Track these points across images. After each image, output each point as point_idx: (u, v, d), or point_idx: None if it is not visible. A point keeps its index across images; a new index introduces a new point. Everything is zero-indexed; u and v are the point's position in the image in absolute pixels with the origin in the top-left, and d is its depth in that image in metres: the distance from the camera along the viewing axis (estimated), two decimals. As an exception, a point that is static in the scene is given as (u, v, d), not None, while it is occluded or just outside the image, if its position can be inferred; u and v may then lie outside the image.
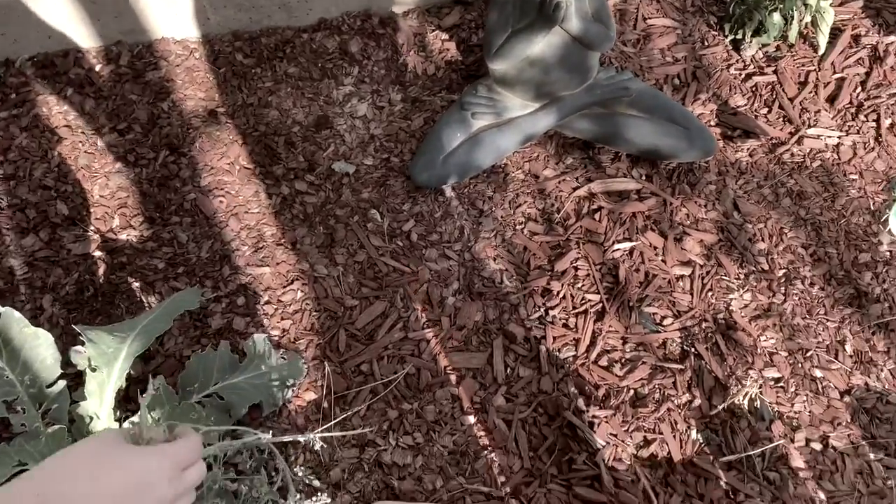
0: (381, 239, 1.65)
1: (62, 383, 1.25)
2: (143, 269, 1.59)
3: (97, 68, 1.83)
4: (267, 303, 1.57)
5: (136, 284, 1.57)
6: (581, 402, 1.41)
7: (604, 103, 1.68)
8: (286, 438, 1.13)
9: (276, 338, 1.53)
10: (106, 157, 1.73)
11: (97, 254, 1.61)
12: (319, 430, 1.38)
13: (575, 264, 1.59)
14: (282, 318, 1.55)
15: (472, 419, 1.44)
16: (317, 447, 1.19)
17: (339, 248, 1.64)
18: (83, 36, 1.82)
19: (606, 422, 1.40)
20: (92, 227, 1.65)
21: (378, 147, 1.78)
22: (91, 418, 1.23)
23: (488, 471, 1.38)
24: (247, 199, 1.69)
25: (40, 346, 1.23)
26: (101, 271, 1.59)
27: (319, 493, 1.12)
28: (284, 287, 1.59)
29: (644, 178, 1.70)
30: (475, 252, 1.63)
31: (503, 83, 1.66)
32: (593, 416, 1.40)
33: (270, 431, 1.13)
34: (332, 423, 1.42)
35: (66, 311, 1.54)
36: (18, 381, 1.20)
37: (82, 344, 1.29)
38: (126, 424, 1.29)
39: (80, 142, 1.75)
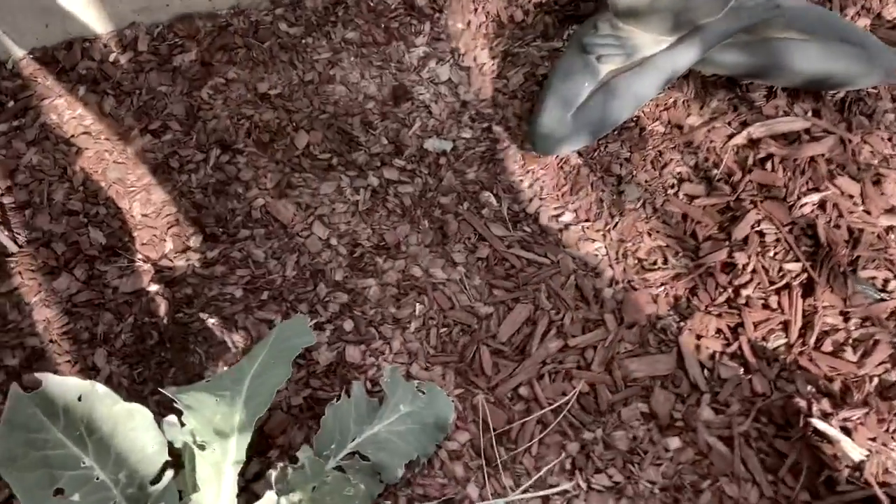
0: (504, 227, 1.32)
1: (168, 475, 0.90)
2: (216, 301, 1.25)
3: (112, 58, 1.47)
4: (381, 322, 1.23)
5: (211, 321, 1.22)
6: (825, 404, 1.09)
7: (752, 28, 1.35)
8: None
9: (405, 365, 1.19)
10: (141, 166, 1.37)
11: (152, 288, 1.26)
12: (517, 492, 1.05)
13: (758, 228, 1.27)
14: (404, 342, 1.22)
15: (677, 442, 1.12)
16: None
17: (455, 245, 1.30)
18: (89, 21, 1.46)
19: (861, 424, 1.08)
20: (139, 256, 1.29)
21: (474, 116, 1.44)
22: (210, 515, 0.89)
23: (718, 506, 1.07)
24: (329, 197, 1.35)
25: (137, 430, 0.88)
26: (162, 310, 1.24)
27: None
28: (398, 301, 1.25)
29: (810, 114, 1.38)
30: (623, 229, 1.31)
31: (630, 16, 1.33)
32: (844, 419, 1.08)
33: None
34: (525, 484, 1.09)
35: (127, 368, 1.19)
36: (112, 482, 0.86)
37: (176, 413, 0.95)
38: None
39: (106, 151, 1.39)
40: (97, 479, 0.86)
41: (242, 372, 0.99)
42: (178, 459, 0.97)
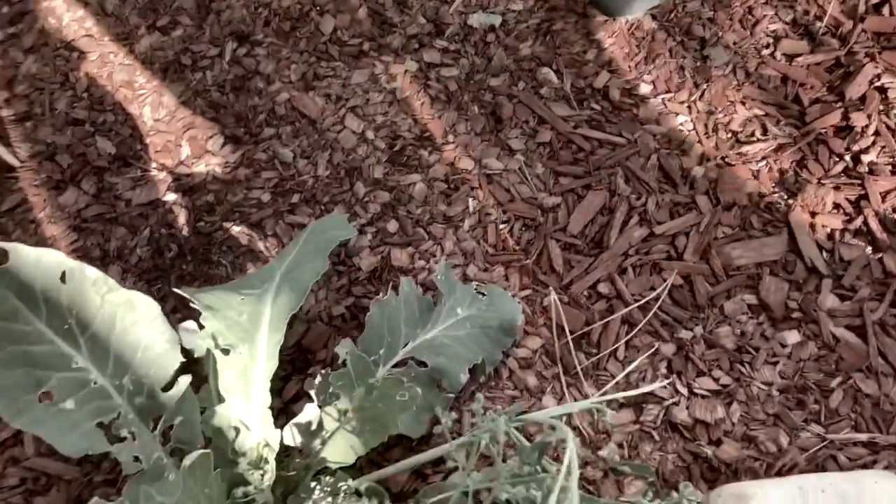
0: (568, 105, 1.12)
1: (184, 381, 0.74)
2: (241, 207, 1.08)
3: (111, -48, 1.30)
4: (430, 221, 1.05)
5: (236, 229, 1.06)
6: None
7: None
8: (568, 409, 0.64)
9: (460, 267, 1.01)
10: (150, 67, 1.21)
11: (169, 198, 1.10)
12: (596, 395, 0.87)
13: (877, 83, 1.05)
14: (458, 241, 1.03)
15: (795, 335, 0.92)
16: (606, 417, 0.69)
17: (511, 130, 1.11)
18: None
19: None
20: (153, 164, 1.13)
21: (525, -15, 1.23)
22: (237, 430, 0.73)
23: (854, 406, 0.87)
24: (361, 86, 1.17)
25: (140, 324, 0.72)
26: (181, 220, 1.08)
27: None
28: (448, 197, 1.07)
29: (932, -52, 1.14)
30: (711, 99, 1.10)
31: None
32: None
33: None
34: (580, 371, 0.91)
35: (145, 285, 1.04)
36: (115, 388, 0.70)
37: (195, 319, 0.79)
38: (288, 429, 0.79)
39: (111, 53, 1.23)
40: (94, 383, 0.70)
41: (272, 270, 0.83)
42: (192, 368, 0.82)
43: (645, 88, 1.12)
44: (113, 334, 0.71)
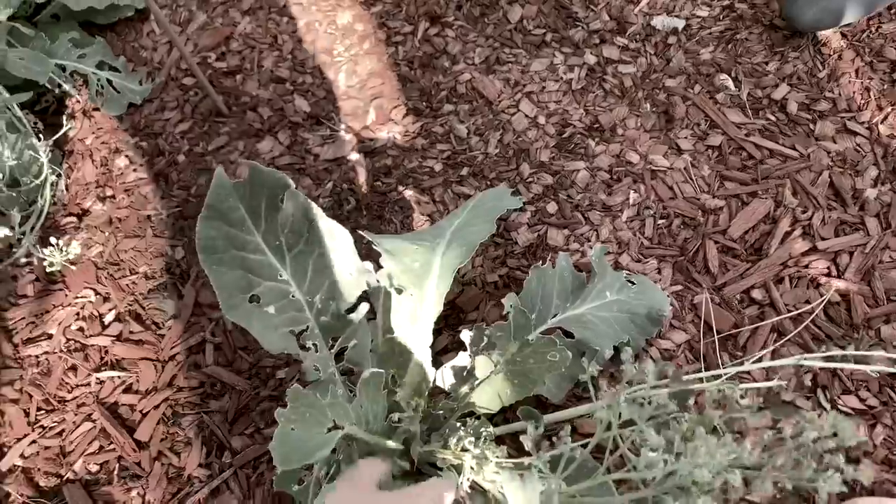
0: (742, 113, 1.13)
1: (364, 308, 0.83)
2: (415, 174, 1.17)
3: (328, -69, 1.42)
4: (589, 208, 1.09)
5: (408, 193, 1.15)
6: None
7: None
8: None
9: (612, 254, 1.05)
10: (350, 36, 1.32)
11: (353, 157, 1.20)
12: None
13: None
14: (615, 230, 1.07)
15: (957, 369, 0.88)
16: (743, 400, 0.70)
17: (681, 131, 1.13)
18: None
19: None
20: (342, 125, 1.24)
21: (713, -7, 1.25)
22: (399, 360, 0.81)
23: None
24: (539, 74, 1.22)
25: (337, 251, 0.81)
26: (361, 179, 1.18)
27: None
28: (609, 187, 1.10)
29: None
30: (893, 123, 1.07)
31: None
32: None
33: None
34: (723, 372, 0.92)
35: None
36: (307, 304, 0.79)
37: (373, 261, 0.88)
38: (442, 371, 0.86)
39: (317, 21, 1.35)
40: (293, 296, 0.80)
41: (443, 228, 0.90)
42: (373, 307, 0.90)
43: (825, 105, 1.11)
44: (312, 257, 0.81)
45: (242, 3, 1.39)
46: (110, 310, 1.11)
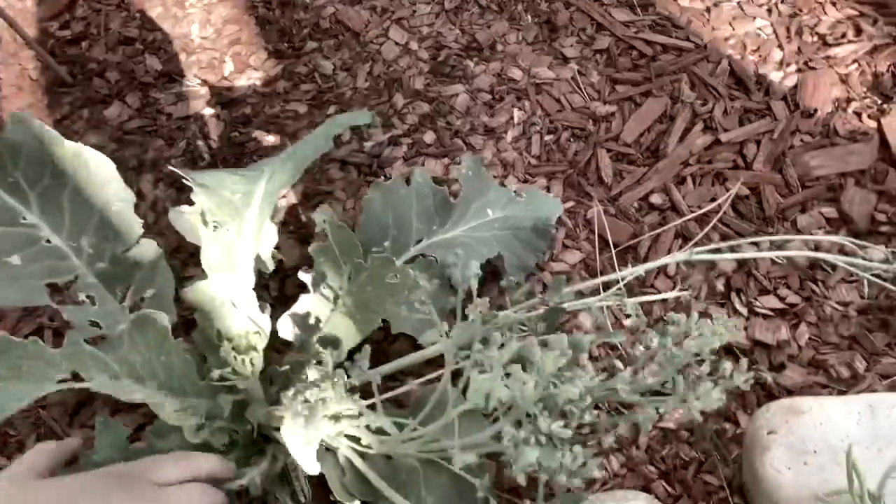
0: (631, 11, 1.01)
1: (150, 245, 0.69)
2: (276, 119, 1.04)
3: None
4: (470, 132, 0.97)
5: (269, 138, 1.02)
6: None
7: None
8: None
9: (498, 178, 0.92)
10: (202, -14, 1.19)
11: (208, 111, 1.07)
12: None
13: None
14: (498, 151, 0.95)
15: (882, 251, 0.77)
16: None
17: (566, 39, 1.01)
18: None
19: None
20: (197, 80, 1.11)
21: None
22: (219, 309, 0.67)
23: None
24: (409, -2, 1.10)
25: (95, 182, 0.68)
26: (217, 132, 1.05)
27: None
28: (492, 108, 0.98)
29: None
30: (796, 0, 0.96)
31: None
32: None
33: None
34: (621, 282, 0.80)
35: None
36: (72, 250, 0.66)
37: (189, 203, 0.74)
38: (282, 321, 0.72)
39: (165, -27, 1.22)
40: (46, 241, 0.66)
41: (276, 157, 0.77)
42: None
43: (718, -8, 1.00)
44: (65, 191, 0.67)
45: (85, -36, 1.26)
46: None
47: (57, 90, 1.13)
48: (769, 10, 0.97)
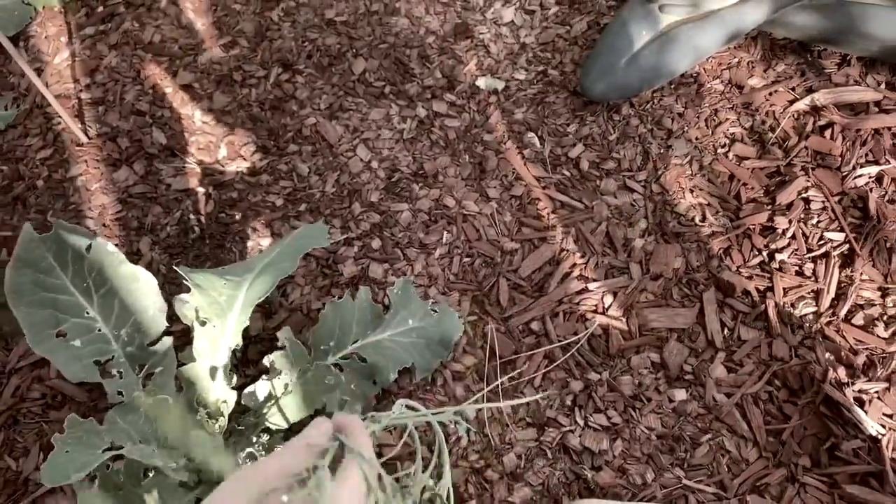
0: (543, 168, 1.32)
1: (167, 341, 0.96)
2: (257, 207, 1.30)
3: (195, -25, 1.54)
4: (408, 245, 1.25)
5: (250, 224, 1.28)
6: (841, 373, 1.05)
7: (830, -10, 1.28)
8: (452, 410, 0.83)
9: (423, 287, 1.21)
10: (207, 77, 1.44)
11: (201, 189, 1.33)
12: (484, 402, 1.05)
13: (804, 195, 1.22)
14: (427, 265, 1.24)
15: (683, 394, 1.10)
16: (460, 430, 0.88)
17: (491, 181, 1.31)
18: (178, -64, 1.53)
19: (879, 398, 1.03)
20: (194, 159, 1.36)
21: (531, 58, 1.44)
22: (202, 385, 0.94)
23: (713, 461, 1.04)
24: (376, 123, 1.38)
25: (140, 291, 0.95)
26: (207, 210, 1.31)
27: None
28: (427, 227, 1.27)
29: (884, 86, 1.30)
30: (665, 183, 1.28)
31: (700, -34, 1.29)
32: (860, 391, 1.03)
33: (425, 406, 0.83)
34: (500, 391, 1.10)
35: (167, 257, 1.26)
36: (114, 337, 0.92)
37: (188, 292, 1.01)
38: (246, 393, 1.00)
39: (178, 59, 1.47)
40: (98, 330, 0.93)
41: (255, 263, 1.04)
42: (190, 337, 1.03)
43: (611, 164, 1.31)
44: (118, 296, 0.94)
45: (110, 37, 1.50)
46: (-39, 324, 1.20)
47: (75, 148, 1.37)
48: (644, 187, 1.29)
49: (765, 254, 1.19)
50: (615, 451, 1.07)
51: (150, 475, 0.85)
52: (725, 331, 1.14)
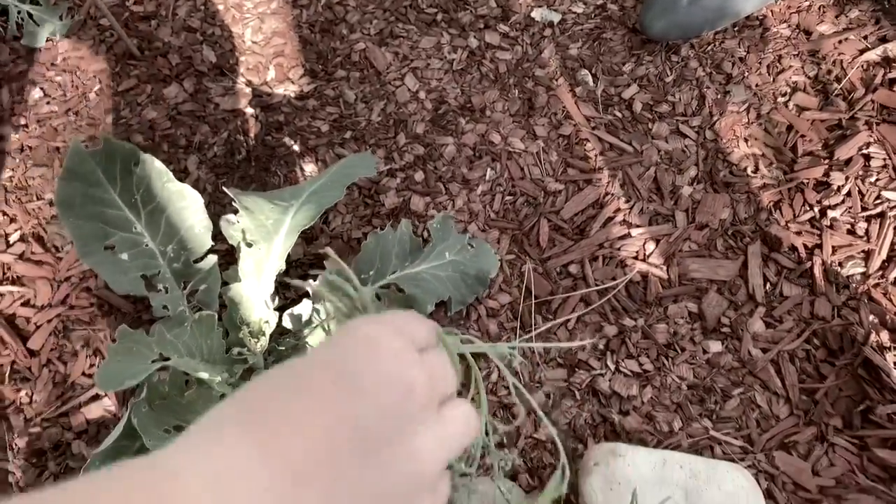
0: (594, 108, 1.28)
1: (212, 259, 0.98)
2: (303, 132, 1.30)
3: None
4: (451, 180, 1.25)
5: (295, 148, 1.29)
6: (884, 337, 1.03)
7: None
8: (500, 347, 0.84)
9: (463, 223, 1.21)
10: (259, -5, 1.43)
11: (249, 110, 1.33)
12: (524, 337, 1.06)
13: (865, 151, 1.17)
14: (468, 201, 1.23)
15: (718, 346, 1.09)
16: (515, 363, 0.88)
17: (539, 118, 1.28)
18: None
19: (920, 366, 1.01)
20: (243, 79, 1.36)
21: (590, -8, 1.38)
22: (246, 305, 0.97)
23: (743, 415, 1.04)
24: (426, 51, 1.35)
25: (187, 210, 0.96)
26: (253, 131, 1.31)
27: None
28: (471, 163, 1.26)
29: (964, 38, 1.23)
30: (719, 130, 1.24)
31: None
32: (901, 357, 1.01)
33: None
34: (534, 332, 1.11)
35: (213, 176, 1.28)
36: (160, 253, 0.94)
37: (234, 213, 1.02)
38: (287, 315, 1.02)
39: (230, -24, 1.45)
40: (146, 245, 0.95)
41: (302, 189, 1.05)
42: (234, 257, 1.05)
43: (665, 107, 1.27)
44: (165, 213, 0.95)
45: (163, -50, 1.48)
46: (16, 230, 1.24)
47: (127, 62, 1.38)
48: (698, 132, 1.25)
49: (816, 210, 1.15)
50: (644, 397, 1.07)
51: (193, 387, 0.88)
52: (768, 286, 1.12)
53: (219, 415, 0.32)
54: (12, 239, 1.23)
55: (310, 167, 1.27)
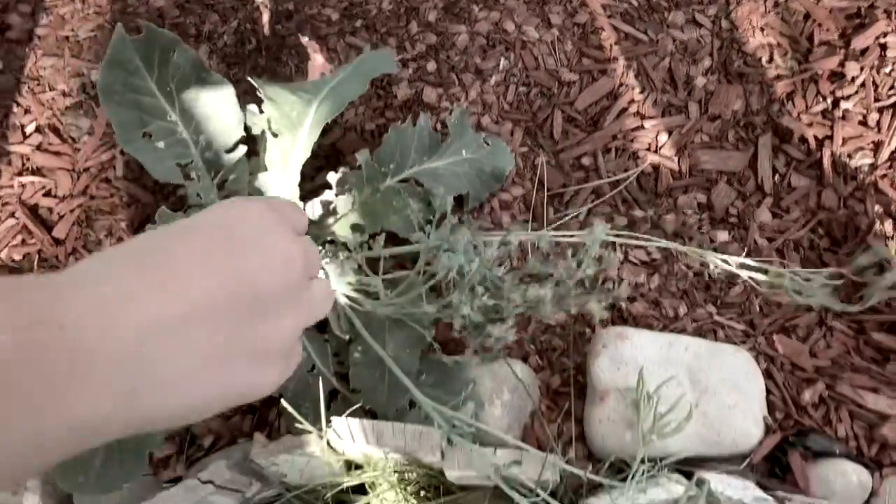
0: (610, -5, 1.26)
1: (242, 149, 1.00)
2: (313, 20, 1.28)
3: None
4: (464, 70, 1.24)
5: (305, 39, 1.27)
6: (888, 226, 1.06)
7: None
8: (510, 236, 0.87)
9: (476, 115, 1.21)
10: None
11: (258, -2, 1.31)
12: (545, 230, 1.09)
13: (882, 41, 1.16)
14: (481, 92, 1.23)
15: (725, 235, 1.13)
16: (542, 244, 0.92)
17: (555, 6, 1.26)
18: None
19: (921, 254, 1.05)
20: (250, -35, 1.33)
21: None
22: (272, 193, 0.99)
23: (746, 300, 1.08)
24: (438, -66, 1.31)
25: (218, 100, 0.97)
26: (263, 20, 1.29)
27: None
28: (485, 52, 1.25)
29: None
30: (736, 19, 1.22)
31: None
32: (902, 246, 1.05)
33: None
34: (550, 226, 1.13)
35: (225, 66, 1.27)
36: (193, 142, 0.96)
37: (257, 104, 1.03)
38: (311, 204, 1.05)
39: None
40: (180, 134, 0.96)
41: (324, 82, 1.05)
42: (257, 147, 1.07)
43: (682, -5, 1.25)
44: (198, 103, 0.96)
45: None
46: (31, 122, 1.25)
47: (130, -53, 1.34)
48: (714, 22, 1.24)
49: (829, 101, 1.16)
50: (651, 284, 1.11)
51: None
52: (776, 177, 1.14)
53: (106, 256, 0.32)
54: (28, 130, 1.24)
55: (320, 57, 1.26)
